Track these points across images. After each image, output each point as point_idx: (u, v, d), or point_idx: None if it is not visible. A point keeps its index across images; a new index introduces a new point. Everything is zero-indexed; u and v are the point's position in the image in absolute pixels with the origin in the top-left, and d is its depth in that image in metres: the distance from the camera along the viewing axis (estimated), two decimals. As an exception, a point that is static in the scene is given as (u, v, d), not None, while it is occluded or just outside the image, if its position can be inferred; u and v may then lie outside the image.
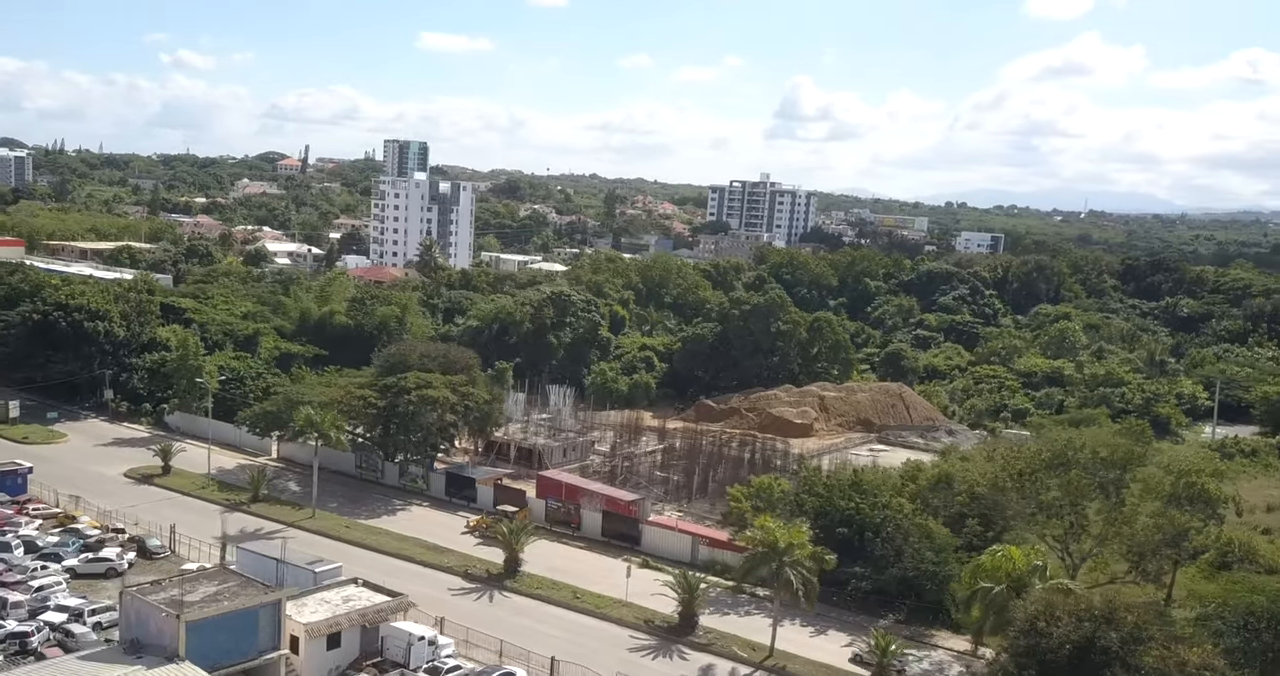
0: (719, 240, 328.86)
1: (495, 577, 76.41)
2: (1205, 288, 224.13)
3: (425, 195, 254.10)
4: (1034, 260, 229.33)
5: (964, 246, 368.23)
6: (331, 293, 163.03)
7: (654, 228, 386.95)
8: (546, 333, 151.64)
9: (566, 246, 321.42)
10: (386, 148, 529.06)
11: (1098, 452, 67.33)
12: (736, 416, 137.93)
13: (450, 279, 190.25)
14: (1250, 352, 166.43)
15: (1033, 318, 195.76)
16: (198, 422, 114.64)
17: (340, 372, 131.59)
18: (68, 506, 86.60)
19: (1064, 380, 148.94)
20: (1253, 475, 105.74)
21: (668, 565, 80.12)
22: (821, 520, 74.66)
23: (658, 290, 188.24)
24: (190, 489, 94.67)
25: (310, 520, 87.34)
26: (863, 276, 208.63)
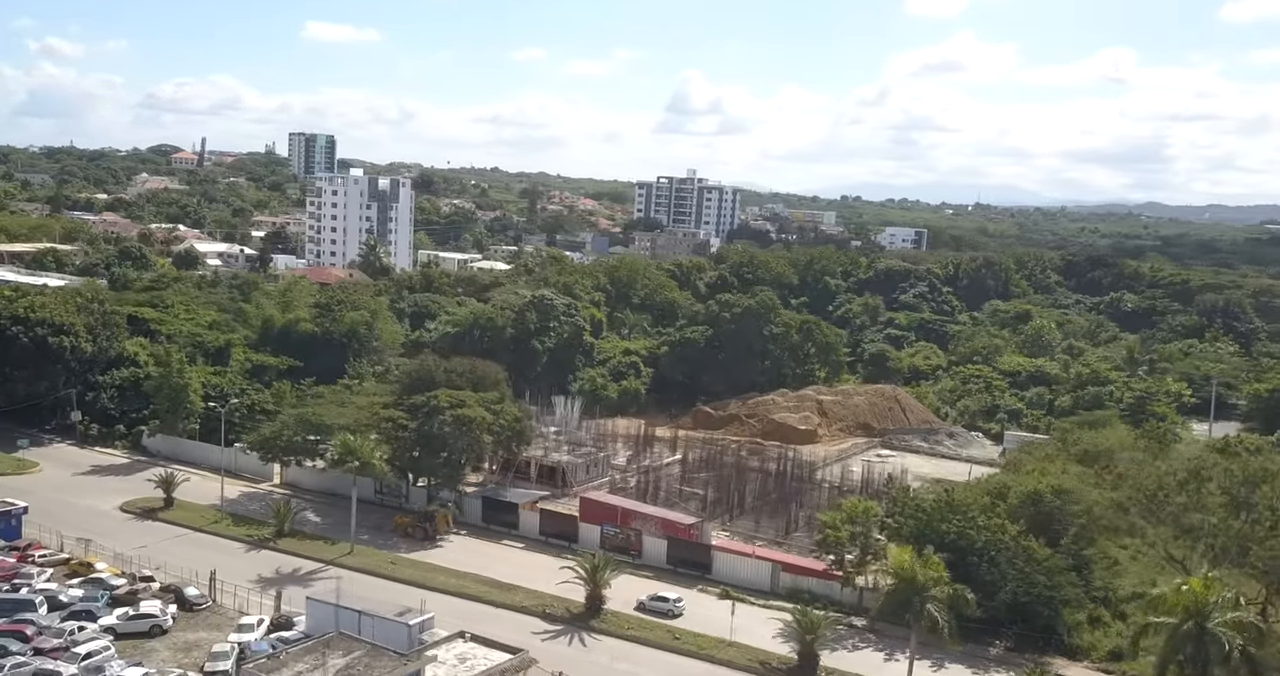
0: (655, 237, 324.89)
1: (578, 617, 70.92)
2: (1144, 282, 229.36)
3: (364, 193, 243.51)
4: (983, 257, 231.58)
5: (888, 241, 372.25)
6: (293, 298, 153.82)
7: (579, 224, 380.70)
8: (530, 338, 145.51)
9: (502, 244, 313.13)
10: (291, 141, 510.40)
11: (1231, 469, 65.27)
12: (737, 423, 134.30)
13: (411, 281, 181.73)
14: (1213, 348, 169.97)
15: (991, 315, 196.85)
16: (183, 446, 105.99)
17: (315, 385, 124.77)
18: (75, 551, 77.82)
19: (1050, 379, 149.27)
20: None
21: (747, 595, 76.08)
22: (921, 545, 71.16)
23: (626, 291, 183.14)
24: (201, 524, 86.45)
25: (349, 556, 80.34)
26: (822, 275, 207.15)
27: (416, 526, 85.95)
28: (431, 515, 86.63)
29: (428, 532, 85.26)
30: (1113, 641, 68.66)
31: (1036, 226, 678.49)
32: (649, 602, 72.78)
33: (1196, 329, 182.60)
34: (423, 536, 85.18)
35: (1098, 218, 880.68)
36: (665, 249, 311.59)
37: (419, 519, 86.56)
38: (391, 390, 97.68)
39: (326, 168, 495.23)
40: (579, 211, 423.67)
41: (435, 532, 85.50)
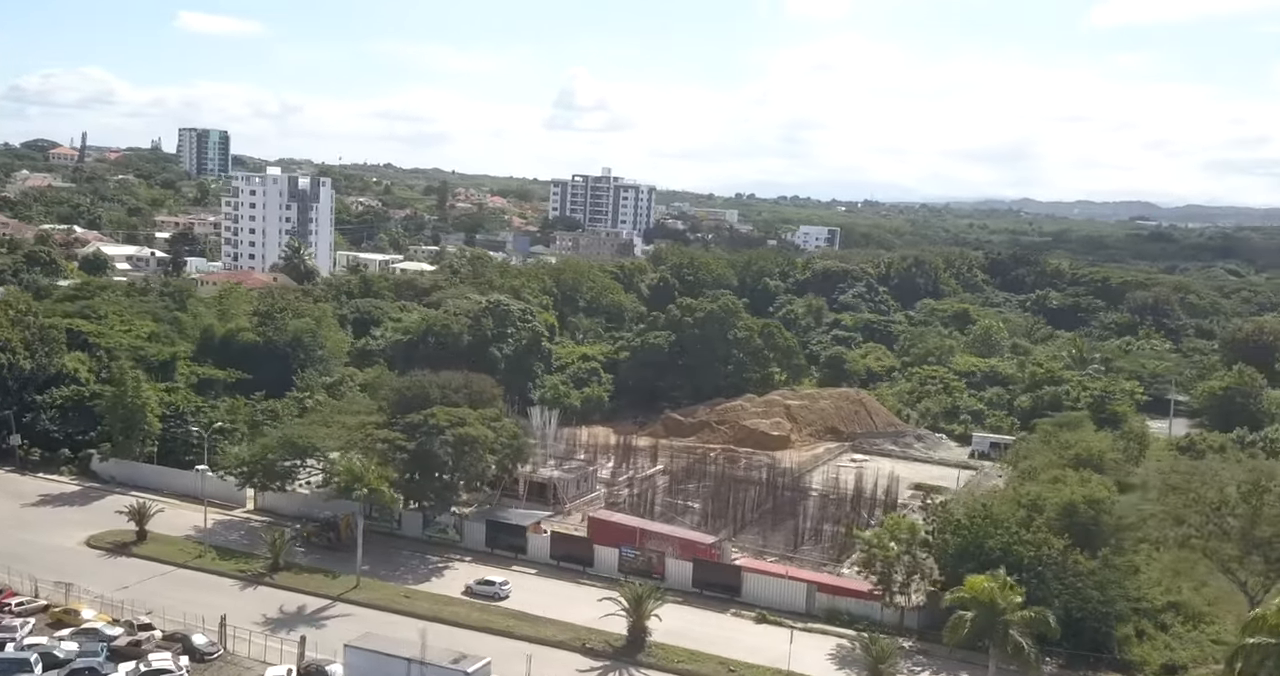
0: (577, 237, 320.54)
1: (621, 651, 67.16)
2: (1065, 280, 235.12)
3: (284, 192, 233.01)
4: (913, 256, 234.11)
5: (803, 240, 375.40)
6: (230, 306, 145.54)
7: (494, 223, 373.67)
8: (488, 345, 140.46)
9: (421, 243, 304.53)
10: (181, 137, 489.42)
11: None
12: (708, 430, 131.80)
13: (348, 285, 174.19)
14: (1149, 346, 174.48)
15: (930, 314, 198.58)
16: (140, 471, 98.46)
17: (266, 399, 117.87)
18: (53, 596, 70.59)
19: (1005, 379, 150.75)
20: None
21: (783, 617, 73.47)
22: (968, 562, 69.65)
23: (572, 295, 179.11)
24: (184, 559, 79.71)
25: (356, 591, 74.87)
26: (761, 276, 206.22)
27: (320, 534, 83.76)
28: (334, 522, 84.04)
29: (331, 541, 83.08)
30: (1161, 654, 68.17)
31: (926, 223, 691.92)
32: (476, 587, 75.33)
33: (1129, 326, 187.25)
34: (326, 545, 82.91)
35: (981, 214, 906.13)
36: (588, 249, 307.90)
37: (321, 527, 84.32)
38: (379, 407, 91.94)
39: (220, 165, 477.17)
40: (490, 209, 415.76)
41: (340, 540, 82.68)
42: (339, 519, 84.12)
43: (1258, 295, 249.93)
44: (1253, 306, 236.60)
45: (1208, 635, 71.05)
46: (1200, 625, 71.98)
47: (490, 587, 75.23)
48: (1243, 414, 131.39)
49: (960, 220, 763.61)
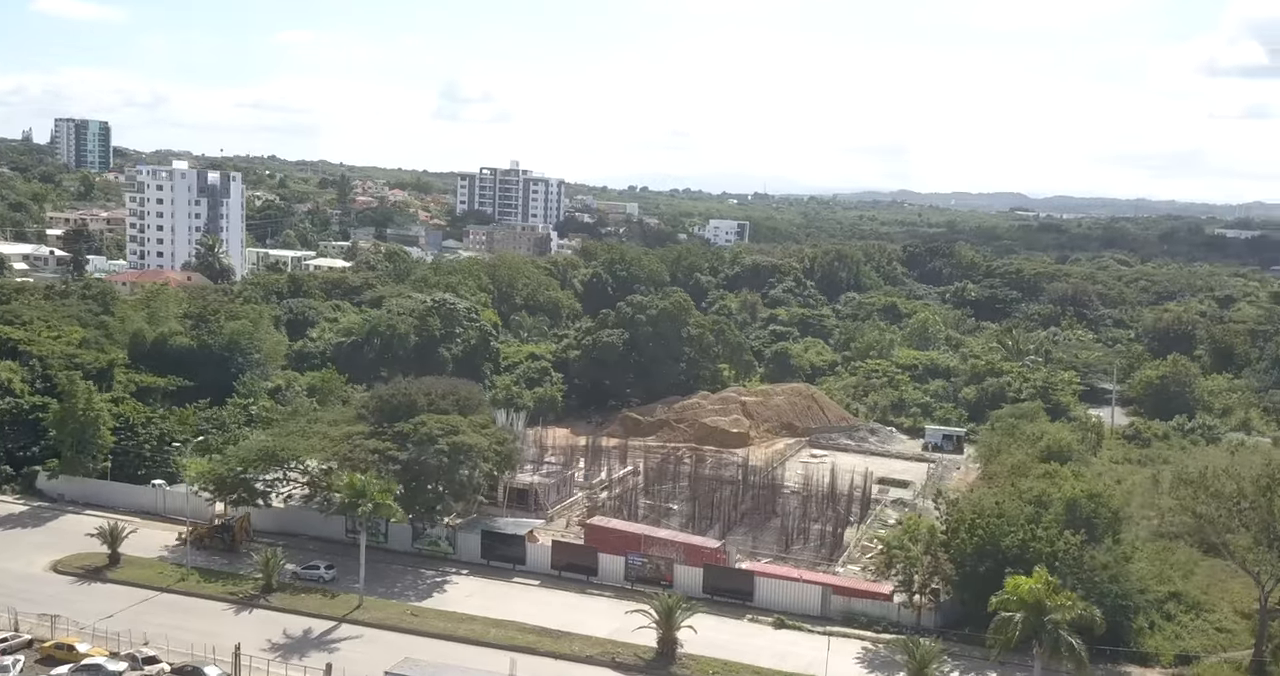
0: (491, 231, 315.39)
1: (652, 664, 65.59)
2: (979, 272, 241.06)
3: (192, 187, 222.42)
4: (835, 250, 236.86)
5: (713, 234, 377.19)
6: (159, 309, 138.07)
7: (402, 217, 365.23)
8: (436, 345, 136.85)
9: (330, 239, 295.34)
10: (58, 128, 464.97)
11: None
12: (667, 428, 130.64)
13: (279, 285, 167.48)
14: (1075, 336, 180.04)
15: (856, 307, 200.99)
16: (93, 488, 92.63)
17: (209, 406, 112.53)
18: (36, 629, 65.40)
19: (947, 371, 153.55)
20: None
21: (800, 622, 72.96)
22: (985, 560, 70.17)
23: (508, 291, 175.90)
24: (166, 582, 74.97)
25: (360, 611, 71.47)
26: (693, 271, 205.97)
27: (214, 537, 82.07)
28: (229, 525, 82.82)
29: (226, 543, 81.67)
30: (1173, 644, 69.80)
31: (818, 215, 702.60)
32: (302, 572, 76.46)
33: (1052, 317, 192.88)
34: (223, 547, 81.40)
35: (865, 205, 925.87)
36: (503, 243, 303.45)
37: (216, 530, 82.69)
38: (358, 416, 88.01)
39: (102, 158, 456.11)
40: (395, 203, 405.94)
41: (235, 542, 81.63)
42: (234, 520, 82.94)
43: (1155, 284, 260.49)
44: (1151, 296, 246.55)
45: (1211, 623, 73.17)
46: (1201, 614, 74.04)
47: (315, 572, 76.45)
48: (1177, 402, 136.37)
49: (849, 212, 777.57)
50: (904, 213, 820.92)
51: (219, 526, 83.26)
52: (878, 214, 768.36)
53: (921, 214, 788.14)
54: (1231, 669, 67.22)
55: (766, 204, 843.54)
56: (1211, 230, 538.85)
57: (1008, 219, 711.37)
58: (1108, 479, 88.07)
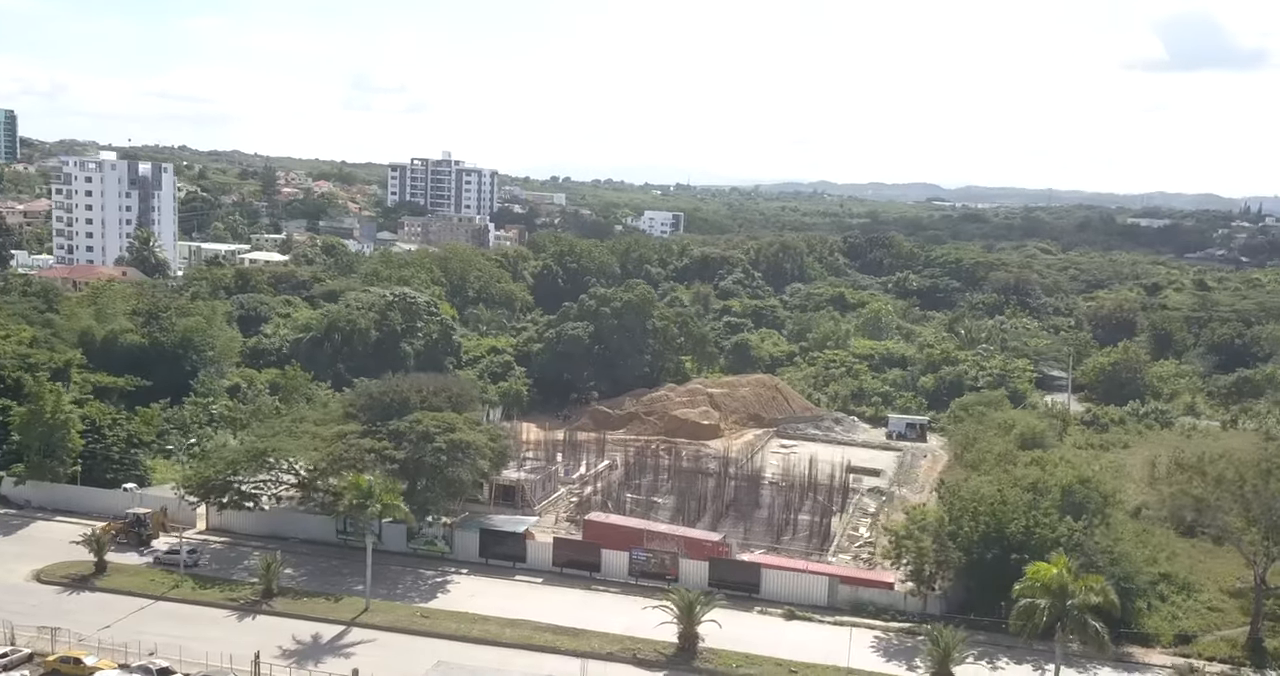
0: (427, 223, 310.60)
1: (674, 659, 65.30)
2: (919, 261, 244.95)
3: (123, 179, 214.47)
4: (779, 242, 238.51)
5: (648, 225, 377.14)
6: (106, 305, 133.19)
7: (332, 209, 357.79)
8: (398, 340, 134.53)
9: (262, 231, 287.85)
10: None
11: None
12: (636, 421, 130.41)
13: (226, 280, 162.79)
14: (1021, 324, 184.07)
15: (805, 298, 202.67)
16: (61, 493, 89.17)
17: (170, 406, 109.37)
18: (35, 643, 62.57)
19: (904, 361, 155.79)
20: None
21: (809, 613, 73.39)
22: (992, 547, 71.36)
23: (461, 284, 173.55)
24: (159, 590, 72.38)
25: (368, 614, 69.88)
26: (643, 263, 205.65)
27: (128, 532, 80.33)
28: (144, 519, 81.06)
29: (142, 537, 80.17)
30: (1171, 624, 71.83)
31: (744, 206, 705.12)
32: (164, 557, 76.90)
33: (996, 306, 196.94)
34: (138, 542, 79.86)
35: (787, 196, 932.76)
36: (440, 235, 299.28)
37: (130, 524, 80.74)
38: (346, 414, 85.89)
39: (8, 148, 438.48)
40: (323, 195, 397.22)
41: (150, 536, 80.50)
42: (149, 515, 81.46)
43: (1084, 273, 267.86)
44: (1081, 284, 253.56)
45: (1202, 603, 75.49)
46: (1191, 594, 76.32)
47: (176, 556, 76.36)
48: (1128, 388, 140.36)
49: (771, 203, 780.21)
50: (825, 203, 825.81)
51: (133, 520, 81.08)
52: (800, 205, 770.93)
53: (844, 205, 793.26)
54: (1229, 646, 69.43)
55: (690, 195, 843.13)
56: (1123, 220, 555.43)
57: (927, 209, 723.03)
58: (1094, 464, 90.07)
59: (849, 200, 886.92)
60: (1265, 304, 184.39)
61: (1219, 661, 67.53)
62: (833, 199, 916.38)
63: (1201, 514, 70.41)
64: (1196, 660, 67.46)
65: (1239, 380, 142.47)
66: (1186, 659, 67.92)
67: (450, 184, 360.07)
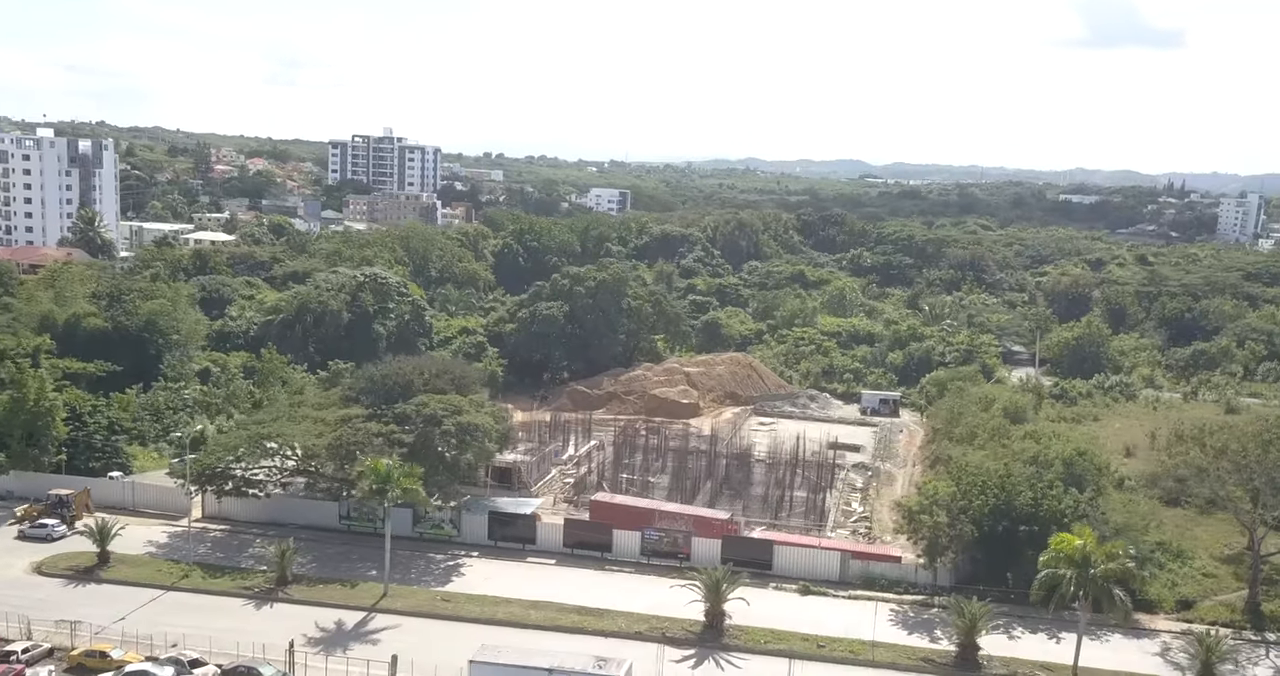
0: (373, 201, 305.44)
1: (703, 636, 65.75)
2: (870, 238, 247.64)
3: (62, 158, 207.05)
4: (735, 220, 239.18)
5: (595, 203, 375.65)
6: (64, 288, 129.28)
7: (274, 187, 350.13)
8: (371, 321, 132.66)
9: (204, 211, 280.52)
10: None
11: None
12: (616, 401, 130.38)
13: (184, 261, 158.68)
14: (980, 300, 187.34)
15: (765, 276, 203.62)
16: (47, 483, 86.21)
17: (144, 391, 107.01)
18: (53, 636, 60.82)
19: (871, 337, 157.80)
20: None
21: (823, 587, 74.40)
22: (1002, 520, 72.89)
23: (423, 264, 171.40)
24: (168, 580, 70.81)
25: (388, 599, 69.18)
26: (602, 241, 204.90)
27: (51, 515, 79.55)
28: (67, 501, 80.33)
29: (65, 518, 78.93)
30: (1171, 591, 74.08)
31: (681, 184, 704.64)
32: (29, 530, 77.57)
33: (954, 282, 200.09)
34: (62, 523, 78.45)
35: (720, 173, 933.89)
36: (386, 213, 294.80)
37: (52, 505, 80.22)
38: (345, 398, 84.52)
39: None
40: (258, 173, 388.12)
41: (75, 517, 79.45)
42: (72, 497, 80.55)
43: (1028, 248, 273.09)
44: (1026, 259, 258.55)
45: (1197, 570, 77.98)
46: (1185, 561, 78.78)
47: (43, 530, 77.08)
48: (1090, 362, 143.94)
49: (707, 180, 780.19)
50: (759, 180, 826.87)
51: (56, 502, 79.96)
52: (735, 181, 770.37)
53: (779, 182, 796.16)
54: (1228, 611, 71.89)
55: (626, 172, 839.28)
56: (1054, 196, 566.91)
57: (862, 186, 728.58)
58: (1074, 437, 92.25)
59: (784, 177, 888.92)
60: (1210, 278, 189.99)
61: (1220, 625, 69.86)
62: (766, 176, 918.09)
63: (1202, 483, 72.45)
64: (1198, 624, 69.72)
65: (1195, 353, 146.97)
66: (1189, 624, 70.19)
67: (393, 161, 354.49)
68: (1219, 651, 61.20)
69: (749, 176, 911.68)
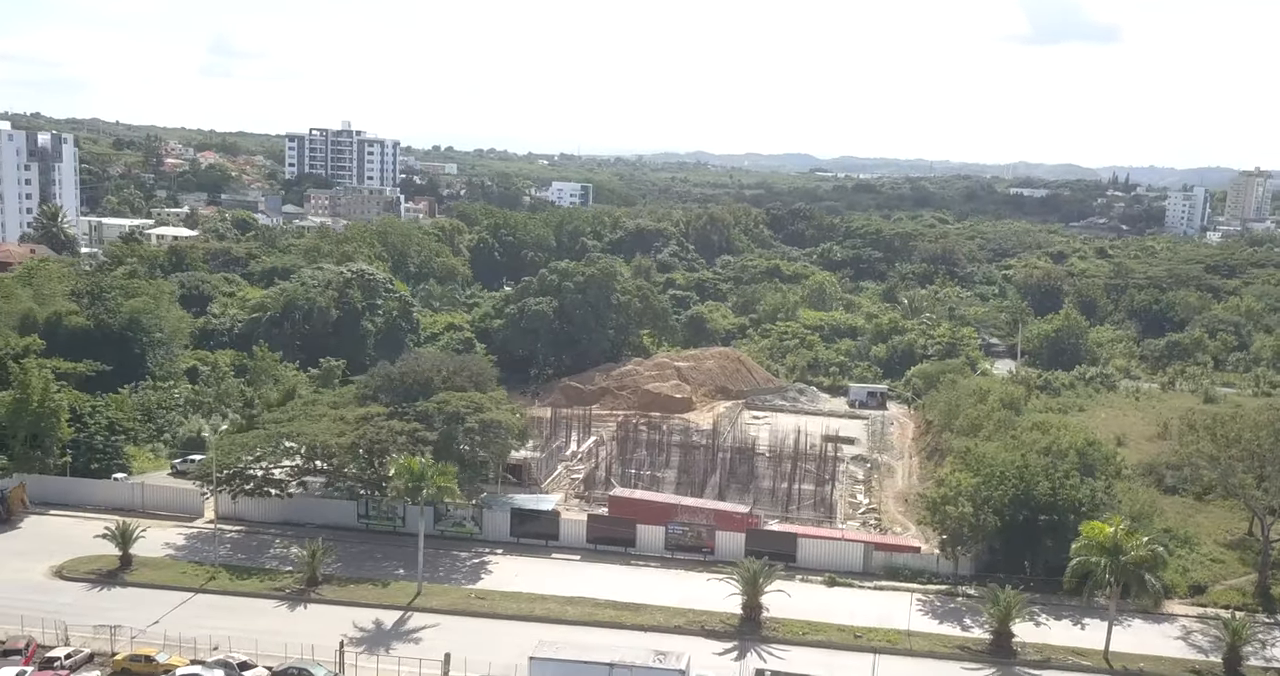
0: (335, 196, 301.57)
1: (741, 629, 66.35)
2: (839, 233, 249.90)
3: (21, 150, 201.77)
4: (707, 214, 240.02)
5: (557, 197, 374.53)
6: (42, 285, 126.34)
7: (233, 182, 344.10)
8: (359, 318, 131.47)
9: (163, 206, 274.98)
10: None
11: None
12: (609, 396, 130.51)
13: (158, 257, 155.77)
14: (955, 294, 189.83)
15: (740, 270, 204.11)
16: (53, 486, 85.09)
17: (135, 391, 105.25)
18: (92, 641, 59.77)
19: (853, 331, 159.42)
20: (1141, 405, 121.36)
21: (849, 579, 75.40)
22: (1024, 510, 74.31)
23: (402, 258, 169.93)
24: (195, 582, 69.89)
25: (423, 598, 68.89)
26: (577, 235, 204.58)
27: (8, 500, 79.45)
28: (2, 494, 79.87)
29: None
30: (1183, 576, 76.04)
31: (635, 178, 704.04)
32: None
33: (927, 276, 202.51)
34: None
35: (672, 166, 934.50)
36: (350, 208, 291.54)
37: None
38: (361, 396, 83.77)
39: None
40: (210, 166, 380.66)
41: (9, 514, 79.41)
42: (6, 491, 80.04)
43: (989, 242, 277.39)
44: (988, 252, 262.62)
45: (1204, 555, 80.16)
46: (1193, 548, 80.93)
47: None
48: (1069, 353, 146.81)
49: (659, 174, 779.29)
50: (712, 174, 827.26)
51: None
52: (688, 175, 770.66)
53: (732, 175, 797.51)
54: (1239, 595, 74.04)
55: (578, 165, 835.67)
56: (1003, 189, 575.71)
57: (814, 179, 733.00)
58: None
59: (735, 170, 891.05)
60: (1173, 271, 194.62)
61: (1233, 609, 71.95)
62: (717, 169, 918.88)
63: (1215, 471, 74.59)
64: (1212, 608, 71.79)
65: (1169, 344, 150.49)
66: (1203, 608, 72.23)
67: (352, 155, 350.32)
68: (1244, 634, 63.05)
69: (700, 170, 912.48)
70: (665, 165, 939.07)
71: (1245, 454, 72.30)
